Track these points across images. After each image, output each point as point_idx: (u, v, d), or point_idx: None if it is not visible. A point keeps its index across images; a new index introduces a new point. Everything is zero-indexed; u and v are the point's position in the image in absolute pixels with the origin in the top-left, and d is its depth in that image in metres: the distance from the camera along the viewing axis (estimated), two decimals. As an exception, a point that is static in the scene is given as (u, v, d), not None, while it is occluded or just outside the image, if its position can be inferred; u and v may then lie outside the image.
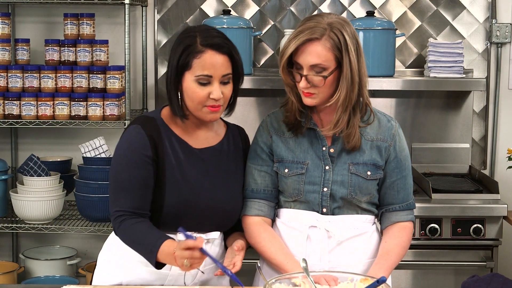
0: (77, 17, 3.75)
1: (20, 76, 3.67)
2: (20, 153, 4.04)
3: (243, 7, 3.95)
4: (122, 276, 2.39)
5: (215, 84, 2.29)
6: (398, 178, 2.42)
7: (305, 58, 2.27)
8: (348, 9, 3.93)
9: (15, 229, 3.66)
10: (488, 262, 3.39)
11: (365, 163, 2.37)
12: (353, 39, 2.28)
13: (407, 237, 2.43)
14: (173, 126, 2.38)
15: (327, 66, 2.26)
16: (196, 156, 2.37)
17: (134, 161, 2.30)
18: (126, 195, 2.29)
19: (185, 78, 2.30)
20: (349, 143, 2.36)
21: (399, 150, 2.42)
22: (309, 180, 2.37)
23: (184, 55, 2.28)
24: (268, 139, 2.44)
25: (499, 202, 3.41)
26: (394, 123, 2.44)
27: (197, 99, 2.29)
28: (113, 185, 2.33)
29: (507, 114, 3.97)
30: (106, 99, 3.61)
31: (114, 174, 2.33)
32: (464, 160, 3.93)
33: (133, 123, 2.36)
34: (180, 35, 2.35)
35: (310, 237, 2.38)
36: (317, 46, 2.26)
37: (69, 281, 3.67)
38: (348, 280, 2.15)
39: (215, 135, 2.44)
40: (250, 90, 3.79)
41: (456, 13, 3.93)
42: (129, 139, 2.33)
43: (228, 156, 2.44)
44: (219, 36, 2.32)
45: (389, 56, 3.69)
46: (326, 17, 2.29)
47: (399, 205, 2.43)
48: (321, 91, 2.30)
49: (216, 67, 2.28)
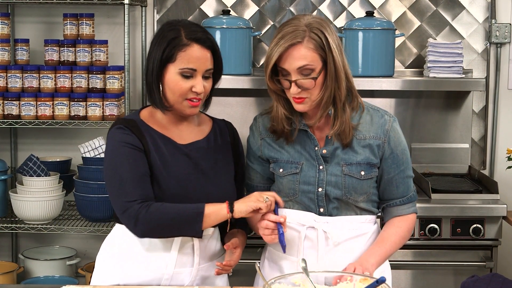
0: (77, 17, 3.75)
1: (20, 76, 3.67)
2: (20, 153, 4.04)
3: (243, 7, 3.95)
4: (119, 276, 2.39)
5: (198, 78, 2.31)
6: (396, 174, 2.41)
7: (291, 63, 2.26)
8: (348, 9, 3.93)
9: (15, 229, 3.66)
10: (488, 262, 3.39)
11: (358, 163, 2.36)
12: (333, 36, 2.29)
13: (406, 227, 2.42)
14: (154, 125, 2.39)
15: (314, 66, 2.26)
16: (181, 152, 2.38)
17: (130, 154, 2.30)
18: (132, 185, 2.27)
19: (168, 70, 2.31)
20: (343, 141, 2.35)
21: (395, 145, 2.39)
22: (304, 180, 2.37)
23: (169, 48, 2.30)
24: (258, 141, 2.46)
25: (499, 202, 3.41)
26: (388, 118, 2.41)
27: (178, 91, 2.31)
28: (113, 182, 2.31)
29: (507, 114, 3.97)
30: (106, 99, 3.61)
31: (112, 171, 2.32)
32: (464, 160, 3.93)
33: (114, 125, 2.37)
34: (162, 27, 2.37)
35: (307, 237, 2.38)
36: (301, 49, 2.25)
37: (69, 281, 3.67)
38: (347, 280, 2.14)
39: (199, 130, 2.45)
40: (250, 90, 3.79)
41: (456, 13, 3.93)
42: (118, 138, 2.33)
43: (216, 150, 2.44)
44: (202, 31, 2.35)
45: (389, 56, 3.69)
46: (303, 19, 2.29)
47: (399, 199, 2.43)
48: (311, 94, 2.29)
49: (201, 61, 2.31)
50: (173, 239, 2.33)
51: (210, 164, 2.41)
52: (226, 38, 3.65)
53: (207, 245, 2.41)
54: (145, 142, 2.34)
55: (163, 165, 2.34)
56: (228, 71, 3.65)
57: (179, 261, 2.36)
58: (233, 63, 3.66)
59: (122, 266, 2.38)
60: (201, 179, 2.38)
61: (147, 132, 2.37)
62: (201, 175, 2.39)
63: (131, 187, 2.27)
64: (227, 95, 3.86)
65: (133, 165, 2.29)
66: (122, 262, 2.39)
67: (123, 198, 2.27)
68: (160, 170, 2.33)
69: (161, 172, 2.33)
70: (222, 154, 2.45)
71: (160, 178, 2.33)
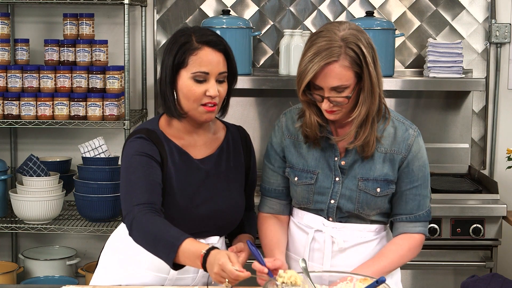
0: (77, 17, 3.75)
1: (20, 76, 3.66)
2: (20, 153, 4.04)
3: (243, 7, 3.95)
4: (121, 277, 2.38)
5: (212, 81, 2.27)
6: (407, 189, 2.33)
7: (326, 81, 2.19)
8: (348, 9, 3.93)
9: (15, 229, 3.66)
10: (488, 262, 3.39)
11: (375, 179, 2.30)
12: (369, 48, 2.21)
13: (408, 246, 2.34)
14: (172, 136, 2.36)
15: (349, 84, 2.19)
16: (197, 167, 2.36)
17: (145, 163, 2.27)
18: (140, 191, 2.23)
19: (180, 76, 2.28)
20: (366, 152, 2.29)
21: (412, 160, 2.31)
22: (318, 190, 2.34)
23: (180, 53, 2.27)
24: (282, 141, 2.41)
25: (499, 202, 3.41)
26: (413, 132, 2.33)
27: (193, 96, 2.27)
28: (124, 186, 2.28)
29: (507, 114, 3.97)
30: (106, 99, 3.60)
31: (126, 176, 2.28)
32: (464, 160, 3.93)
33: (136, 134, 2.33)
34: (175, 34, 2.35)
35: (315, 239, 2.37)
36: (336, 68, 2.17)
37: (69, 281, 3.67)
38: (347, 280, 2.14)
39: (213, 139, 2.42)
40: (250, 90, 3.79)
41: (456, 13, 3.93)
42: (137, 146, 2.30)
43: (228, 160, 2.42)
44: (214, 35, 2.32)
45: (389, 56, 3.68)
46: (337, 31, 2.20)
47: (406, 215, 2.34)
48: (344, 107, 2.24)
49: (213, 64, 2.27)
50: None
51: (222, 176, 2.39)
52: (226, 38, 3.56)
53: None
54: (164, 154, 2.31)
55: (176, 178, 2.32)
56: (228, 71, 3.67)
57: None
58: (233, 63, 3.66)
59: (125, 265, 2.38)
60: (211, 193, 2.36)
61: (166, 143, 2.34)
62: (212, 187, 2.36)
63: (139, 192, 2.23)
64: (227, 95, 3.86)
65: (146, 173, 2.25)
66: (125, 261, 2.39)
67: (129, 201, 2.24)
68: (171, 182, 2.31)
69: (173, 185, 2.31)
70: (234, 163, 2.43)
71: (171, 190, 2.31)
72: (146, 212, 2.19)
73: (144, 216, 2.18)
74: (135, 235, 2.21)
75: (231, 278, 2.01)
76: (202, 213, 2.33)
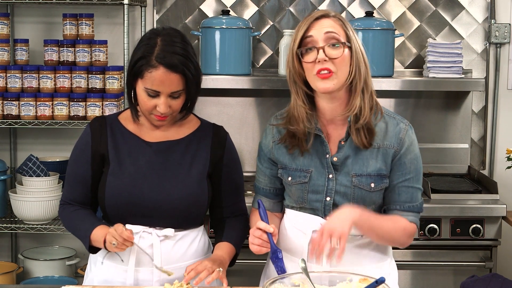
0: (76, 17, 3.76)
1: (19, 76, 3.67)
2: (19, 153, 4.04)
3: (242, 7, 3.95)
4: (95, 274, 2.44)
5: (162, 99, 2.31)
6: (399, 182, 2.33)
7: (319, 29, 2.25)
8: (347, 9, 3.93)
9: (14, 230, 3.66)
10: (487, 262, 3.39)
11: (369, 175, 2.31)
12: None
13: (401, 227, 2.32)
14: (129, 124, 2.44)
15: (340, 38, 2.25)
16: (146, 150, 2.40)
17: (76, 159, 2.46)
18: (68, 188, 2.49)
19: (137, 84, 2.34)
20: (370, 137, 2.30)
21: (404, 153, 2.33)
22: (313, 188, 2.34)
23: (139, 64, 2.31)
24: (270, 144, 2.42)
25: (498, 202, 3.42)
26: (404, 126, 2.34)
27: (144, 106, 2.34)
28: (66, 177, 2.53)
29: (506, 114, 3.97)
30: (105, 99, 3.61)
31: (67, 167, 2.51)
32: (463, 160, 3.93)
33: None
34: (144, 36, 2.38)
35: None
36: (329, 20, 2.27)
37: (68, 282, 3.67)
38: (347, 280, 2.14)
39: (178, 131, 2.44)
40: (249, 91, 3.79)
41: (455, 13, 3.93)
42: (79, 138, 2.48)
43: (189, 153, 2.42)
44: (176, 53, 2.29)
45: (388, 56, 3.69)
46: None
47: (400, 204, 2.35)
48: (338, 69, 2.24)
49: (165, 84, 2.29)
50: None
51: (175, 163, 2.39)
52: (226, 38, 3.66)
53: (174, 247, 2.39)
54: (104, 140, 2.40)
55: (119, 162, 2.38)
56: (228, 71, 3.66)
57: (138, 259, 2.36)
58: (233, 63, 3.66)
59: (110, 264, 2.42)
60: (159, 177, 2.37)
61: (114, 129, 2.42)
62: (160, 173, 2.37)
63: (66, 189, 2.50)
64: (227, 95, 3.86)
65: (74, 170, 2.46)
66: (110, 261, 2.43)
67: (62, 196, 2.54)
68: (115, 167, 2.38)
69: (116, 169, 2.37)
70: (193, 157, 2.42)
71: (114, 174, 2.37)
72: (64, 208, 2.48)
73: (63, 212, 2.48)
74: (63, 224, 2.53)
75: (119, 236, 2.23)
76: (147, 196, 2.35)
